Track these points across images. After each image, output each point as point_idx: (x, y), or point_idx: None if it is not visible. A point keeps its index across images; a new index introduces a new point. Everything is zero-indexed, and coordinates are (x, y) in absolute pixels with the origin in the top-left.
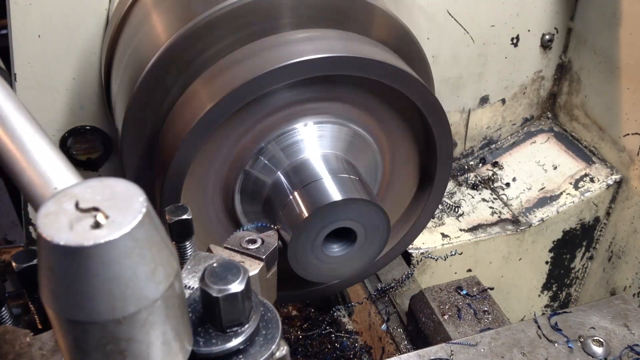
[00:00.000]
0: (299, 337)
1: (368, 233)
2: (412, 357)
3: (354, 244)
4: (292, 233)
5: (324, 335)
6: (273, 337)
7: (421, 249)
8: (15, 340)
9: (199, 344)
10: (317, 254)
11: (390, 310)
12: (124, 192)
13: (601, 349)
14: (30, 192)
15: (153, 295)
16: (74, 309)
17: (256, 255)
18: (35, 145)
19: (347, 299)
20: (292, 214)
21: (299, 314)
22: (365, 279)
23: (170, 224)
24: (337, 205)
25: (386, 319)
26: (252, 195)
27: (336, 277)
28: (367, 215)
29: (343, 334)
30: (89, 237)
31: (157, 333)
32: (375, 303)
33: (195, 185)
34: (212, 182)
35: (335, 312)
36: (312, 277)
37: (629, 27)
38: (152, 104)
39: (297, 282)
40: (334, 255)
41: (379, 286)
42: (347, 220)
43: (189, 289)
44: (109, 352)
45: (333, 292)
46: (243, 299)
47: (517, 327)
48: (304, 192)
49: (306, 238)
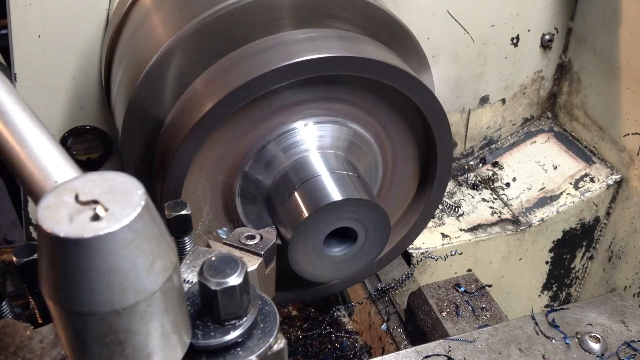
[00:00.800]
0: (299, 337)
1: (368, 233)
2: (410, 353)
3: (354, 244)
4: (292, 233)
5: (324, 335)
6: (271, 330)
7: (421, 249)
8: (16, 334)
9: (197, 336)
10: (317, 254)
11: (390, 310)
12: (123, 186)
13: (598, 345)
14: (31, 186)
15: (152, 287)
16: (73, 301)
17: (255, 251)
18: (35, 140)
19: (347, 299)
20: (292, 214)
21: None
22: (365, 279)
23: (169, 219)
24: (337, 205)
25: (386, 319)
26: (252, 195)
27: (336, 277)
28: (367, 215)
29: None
30: (89, 229)
31: (156, 325)
32: (375, 303)
33: (196, 185)
34: (213, 182)
35: (335, 312)
36: (312, 277)
37: (629, 27)
38: (152, 104)
39: (297, 282)
40: (334, 255)
41: (379, 286)
42: (347, 220)
43: (188, 283)
44: (108, 343)
45: (333, 292)
46: (241, 292)
47: (514, 324)
48: (304, 192)
49: (306, 238)
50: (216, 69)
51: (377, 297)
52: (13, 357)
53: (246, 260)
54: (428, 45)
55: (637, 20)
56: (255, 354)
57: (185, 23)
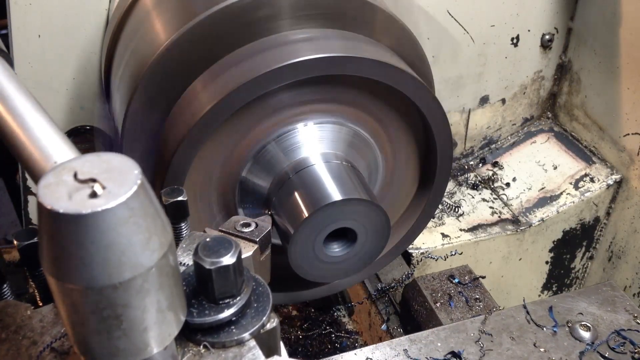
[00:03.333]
0: (299, 337)
1: (368, 233)
2: (403, 341)
3: (354, 244)
4: (292, 233)
5: (324, 335)
6: (264, 309)
7: (421, 249)
8: (17, 313)
9: (192, 315)
10: (318, 254)
11: (390, 310)
12: (120, 166)
13: (588, 333)
14: (32, 166)
15: (148, 263)
16: (72, 275)
17: (250, 238)
18: (36, 123)
19: (347, 299)
20: (292, 214)
21: (299, 314)
22: (365, 278)
23: (166, 205)
24: (337, 206)
25: (386, 319)
26: (252, 194)
27: (336, 277)
28: (367, 215)
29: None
30: (87, 206)
31: (152, 300)
32: (375, 303)
33: (196, 185)
34: (213, 182)
35: (335, 312)
36: (312, 277)
37: (629, 27)
38: (152, 104)
39: (297, 282)
40: (334, 255)
41: (379, 286)
42: (347, 220)
43: (184, 265)
44: (106, 317)
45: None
46: (235, 271)
47: (506, 313)
48: (304, 192)
49: (306, 238)
50: (216, 69)
51: (377, 297)
52: (14, 335)
53: (241, 247)
54: (428, 45)
55: (637, 20)
56: (248, 331)
57: (185, 23)
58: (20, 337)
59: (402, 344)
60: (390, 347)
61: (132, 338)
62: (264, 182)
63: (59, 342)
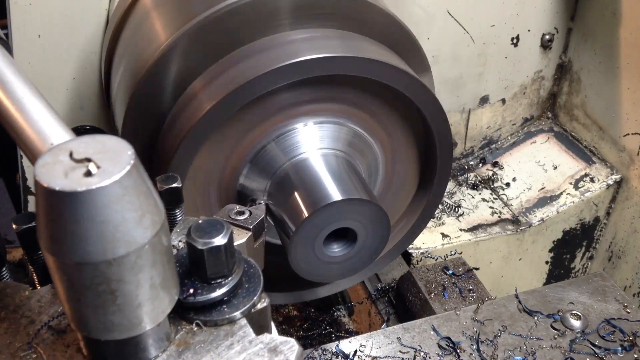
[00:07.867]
0: (299, 337)
1: (368, 233)
2: (397, 329)
3: (354, 244)
4: (292, 233)
5: (324, 335)
6: (255, 289)
7: (421, 249)
8: (16, 294)
9: (185, 293)
10: (318, 254)
11: (390, 311)
12: (114, 147)
13: (579, 322)
14: (29, 148)
15: (141, 239)
16: (68, 251)
17: (244, 226)
18: (33, 106)
19: (347, 299)
20: (293, 214)
21: (299, 314)
22: (365, 278)
23: (160, 192)
24: (337, 205)
25: (386, 319)
26: (252, 194)
27: (336, 277)
28: (367, 215)
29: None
30: (82, 184)
31: (145, 276)
32: (375, 303)
33: (196, 185)
34: (213, 182)
35: (335, 312)
36: (312, 277)
37: (629, 27)
38: (152, 104)
39: (297, 282)
40: (334, 255)
41: (379, 286)
42: (347, 220)
43: (178, 249)
44: (101, 292)
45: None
46: (226, 251)
47: (498, 302)
48: (304, 192)
49: (306, 238)
50: (216, 69)
51: (377, 297)
52: (13, 314)
53: (236, 234)
54: (428, 45)
55: (637, 20)
56: (239, 310)
57: (185, 23)
58: (19, 316)
59: (396, 332)
60: (384, 335)
61: (126, 313)
62: (264, 182)
63: (56, 321)
